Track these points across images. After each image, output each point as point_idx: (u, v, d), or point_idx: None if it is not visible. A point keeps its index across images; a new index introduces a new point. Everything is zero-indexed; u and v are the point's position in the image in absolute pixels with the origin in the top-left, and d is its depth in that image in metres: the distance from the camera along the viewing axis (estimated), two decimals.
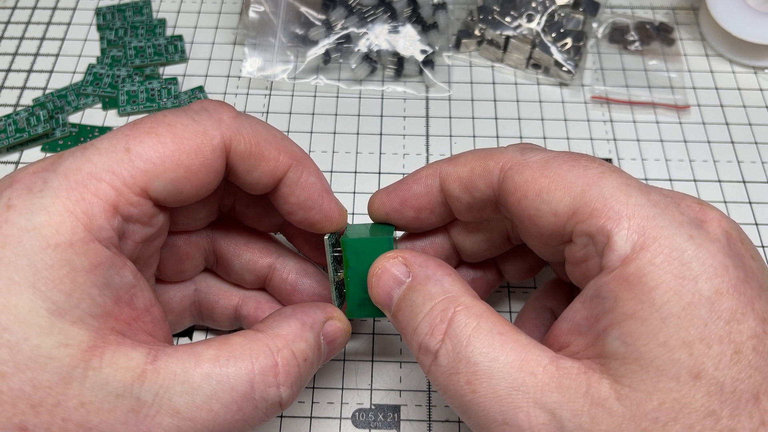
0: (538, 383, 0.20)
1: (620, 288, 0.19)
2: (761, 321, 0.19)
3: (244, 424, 0.21)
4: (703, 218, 0.20)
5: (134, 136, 0.21)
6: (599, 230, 0.20)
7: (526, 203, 0.22)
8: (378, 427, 0.30)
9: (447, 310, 0.22)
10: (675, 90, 0.42)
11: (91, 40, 0.44)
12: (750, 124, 0.40)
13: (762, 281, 0.20)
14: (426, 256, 0.24)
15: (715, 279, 0.19)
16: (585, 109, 0.41)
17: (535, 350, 0.21)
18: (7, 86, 0.41)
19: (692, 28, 0.45)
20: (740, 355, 0.18)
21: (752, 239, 0.35)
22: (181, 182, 0.21)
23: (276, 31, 0.41)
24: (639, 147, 0.39)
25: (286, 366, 0.22)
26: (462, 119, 0.40)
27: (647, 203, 0.20)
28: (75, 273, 0.19)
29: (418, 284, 0.23)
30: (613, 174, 0.21)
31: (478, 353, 0.21)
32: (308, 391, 0.30)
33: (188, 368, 0.20)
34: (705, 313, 0.18)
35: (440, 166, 0.26)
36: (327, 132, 0.40)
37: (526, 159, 0.23)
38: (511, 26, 0.42)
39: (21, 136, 0.38)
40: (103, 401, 0.19)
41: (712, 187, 0.38)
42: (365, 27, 0.41)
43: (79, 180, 0.20)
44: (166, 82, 0.41)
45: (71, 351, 0.19)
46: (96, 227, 0.20)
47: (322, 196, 0.25)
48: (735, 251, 0.20)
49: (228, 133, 0.22)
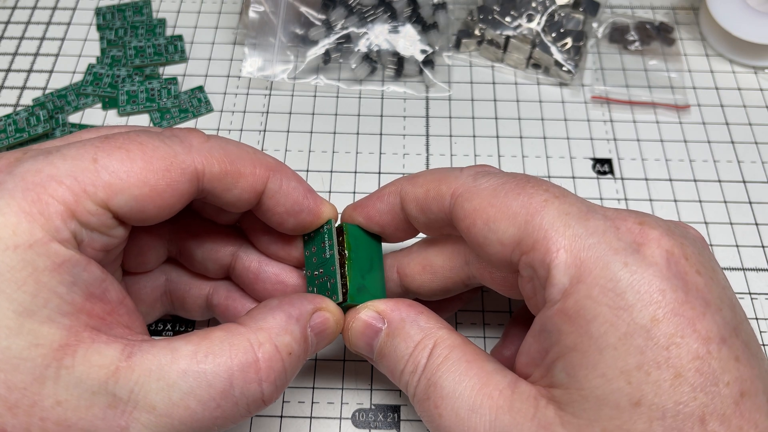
0: (493, 405, 0.21)
1: (561, 322, 0.20)
2: (704, 341, 0.18)
3: (225, 421, 0.21)
4: (641, 241, 0.20)
5: (104, 148, 0.21)
6: (540, 263, 0.20)
7: (475, 231, 0.22)
8: (378, 427, 0.30)
9: (427, 346, 0.23)
10: (675, 90, 0.42)
11: (91, 40, 0.44)
12: (750, 124, 0.40)
13: (708, 297, 0.19)
14: (395, 301, 0.25)
15: (651, 306, 0.19)
16: (585, 109, 0.41)
17: (497, 376, 0.22)
18: (7, 86, 0.41)
19: (692, 28, 0.45)
20: (681, 379, 0.18)
21: (752, 240, 0.36)
22: (145, 201, 0.21)
23: (276, 31, 0.41)
24: (639, 147, 0.39)
25: (267, 361, 0.22)
26: (462, 119, 0.40)
27: (584, 233, 0.20)
28: (38, 273, 0.19)
29: (396, 329, 0.24)
30: (556, 201, 0.21)
31: (445, 378, 0.22)
32: (308, 391, 0.30)
33: (164, 365, 0.20)
34: (641, 342, 0.19)
35: (401, 184, 0.26)
36: (327, 132, 0.40)
37: (477, 186, 0.23)
38: (511, 26, 0.42)
39: (21, 136, 0.38)
40: (80, 399, 0.19)
41: (712, 187, 0.38)
42: (365, 27, 0.41)
43: (37, 181, 0.20)
44: (166, 82, 0.41)
45: (43, 351, 0.19)
46: (53, 228, 0.19)
47: (307, 197, 0.26)
48: (675, 272, 0.19)
49: (199, 158, 0.22)
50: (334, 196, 0.37)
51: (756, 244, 0.35)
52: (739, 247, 0.35)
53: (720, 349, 0.19)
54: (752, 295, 0.34)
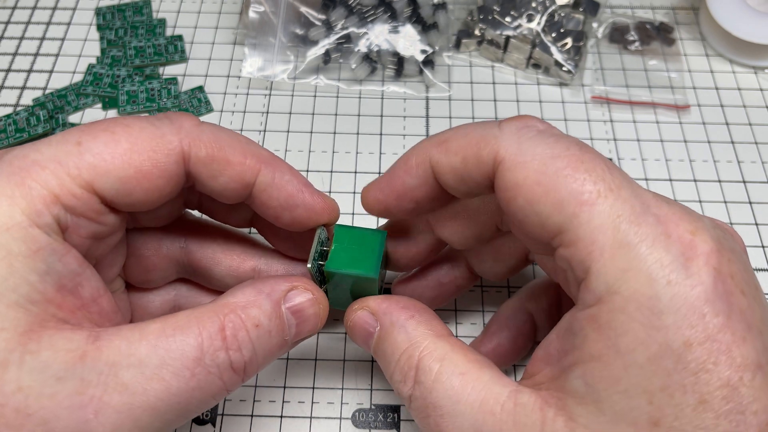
0: (496, 422, 0.20)
1: (590, 328, 0.19)
2: (737, 368, 0.18)
3: (202, 393, 0.21)
4: (690, 254, 0.19)
5: (89, 131, 0.21)
6: (579, 263, 0.20)
7: (515, 207, 0.21)
8: (378, 427, 0.30)
9: (412, 357, 0.23)
10: (675, 90, 0.42)
11: (91, 40, 0.44)
12: (750, 124, 0.40)
13: (750, 320, 0.19)
14: (389, 302, 0.24)
15: (687, 330, 0.18)
16: (585, 109, 0.41)
17: (495, 387, 0.21)
18: (7, 86, 0.41)
19: (692, 28, 0.45)
20: (705, 405, 0.18)
21: (752, 240, 0.36)
22: (131, 182, 0.21)
23: (276, 31, 0.41)
24: (639, 147, 0.39)
25: (232, 329, 0.21)
26: (462, 119, 0.40)
27: (634, 240, 0.19)
28: (11, 257, 0.19)
29: (385, 334, 0.24)
30: (610, 197, 0.19)
31: (442, 397, 0.21)
32: (308, 391, 0.30)
33: (133, 341, 0.20)
34: (670, 365, 0.18)
35: (430, 152, 0.23)
36: (327, 132, 0.40)
37: (522, 152, 0.21)
38: (511, 26, 0.42)
39: (21, 136, 0.38)
40: (44, 385, 0.19)
41: (712, 187, 0.38)
42: (365, 27, 0.41)
43: (22, 166, 0.20)
44: (166, 82, 0.41)
45: (6, 335, 0.19)
46: (34, 212, 0.19)
47: (302, 192, 0.25)
48: (721, 292, 0.18)
49: (187, 140, 0.22)
50: (334, 197, 0.37)
51: (756, 244, 0.35)
52: None
53: (754, 377, 0.18)
54: None
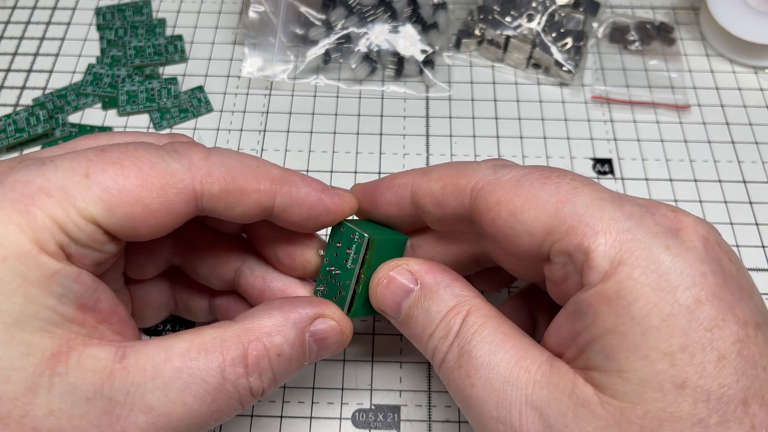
0: (530, 379, 0.20)
1: (600, 303, 0.20)
2: (743, 325, 0.19)
3: (221, 414, 0.21)
4: (678, 226, 0.20)
5: (98, 162, 0.20)
6: (576, 248, 0.20)
7: (501, 223, 0.22)
8: (378, 427, 0.30)
9: (460, 313, 0.22)
10: (675, 90, 0.42)
11: (91, 39, 0.44)
12: (750, 124, 0.40)
13: (741, 283, 0.20)
14: (430, 263, 0.24)
15: (694, 288, 0.19)
16: (585, 109, 0.41)
17: (534, 350, 0.21)
18: (6, 86, 0.41)
19: (692, 27, 0.45)
20: (725, 361, 0.18)
21: (753, 240, 0.36)
22: (137, 219, 0.21)
23: (276, 31, 0.41)
24: (639, 147, 0.39)
25: (255, 358, 0.21)
26: (462, 119, 0.40)
27: (622, 216, 0.20)
28: (27, 285, 0.19)
29: (429, 291, 0.23)
30: (586, 188, 0.21)
31: (479, 348, 0.21)
32: (308, 391, 0.30)
33: (158, 363, 0.20)
34: (685, 323, 0.18)
35: (414, 178, 0.25)
36: (327, 132, 0.40)
37: (498, 178, 0.22)
38: (511, 26, 0.42)
39: (21, 136, 0.38)
40: (74, 407, 0.19)
41: (712, 187, 0.38)
42: (365, 27, 0.41)
43: (27, 192, 0.19)
44: (166, 81, 0.41)
45: (34, 360, 0.19)
46: (41, 241, 0.19)
47: (322, 200, 0.25)
48: (712, 256, 0.20)
49: (198, 177, 0.22)
50: None
51: (756, 244, 0.35)
52: (739, 247, 0.35)
53: (757, 333, 0.19)
54: None
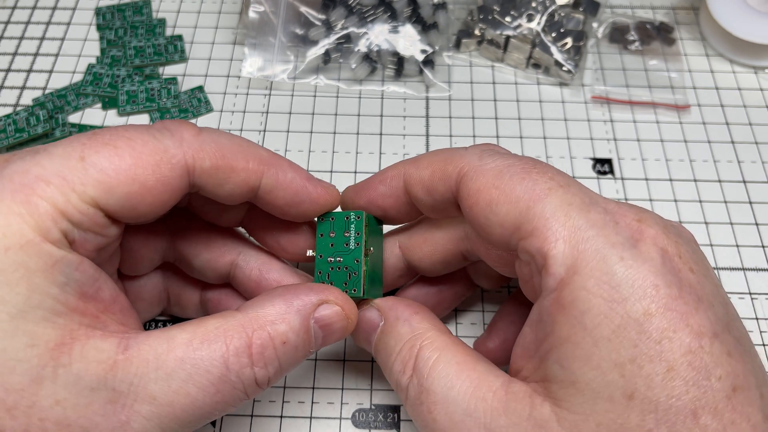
0: (488, 408, 0.21)
1: (557, 312, 0.20)
2: (697, 336, 0.19)
3: (225, 405, 0.21)
4: (638, 237, 0.20)
5: (91, 145, 0.21)
6: (538, 251, 0.20)
7: (477, 211, 0.22)
8: (378, 427, 0.30)
9: (414, 347, 0.23)
10: (675, 90, 0.42)
11: (91, 39, 0.44)
12: (750, 124, 0.40)
13: (701, 293, 0.20)
14: (395, 299, 0.26)
15: (644, 300, 0.19)
16: (585, 109, 0.41)
17: (489, 376, 0.22)
18: (6, 86, 0.41)
19: (692, 27, 0.45)
20: (673, 373, 0.18)
21: (753, 240, 0.36)
22: (136, 198, 0.21)
23: (276, 31, 0.41)
24: (639, 147, 0.39)
25: (259, 347, 0.22)
26: (462, 119, 0.40)
27: (585, 224, 0.20)
28: (30, 275, 0.19)
29: (390, 326, 0.25)
30: (560, 191, 0.21)
31: (437, 383, 0.22)
32: (308, 391, 0.30)
33: (161, 354, 0.20)
34: (634, 335, 0.19)
35: (405, 167, 0.26)
36: (327, 132, 0.40)
37: (483, 165, 0.23)
38: (511, 26, 0.42)
39: (21, 136, 0.38)
40: (79, 396, 0.19)
41: (712, 187, 0.38)
42: (365, 27, 0.41)
43: (25, 182, 0.19)
44: (166, 81, 0.41)
45: (38, 351, 0.19)
46: (44, 229, 0.19)
47: (306, 187, 0.25)
48: (669, 268, 0.20)
49: (190, 152, 0.22)
50: None
51: (756, 244, 0.35)
52: (739, 247, 0.35)
53: (712, 344, 0.19)
54: (752, 295, 0.34)
